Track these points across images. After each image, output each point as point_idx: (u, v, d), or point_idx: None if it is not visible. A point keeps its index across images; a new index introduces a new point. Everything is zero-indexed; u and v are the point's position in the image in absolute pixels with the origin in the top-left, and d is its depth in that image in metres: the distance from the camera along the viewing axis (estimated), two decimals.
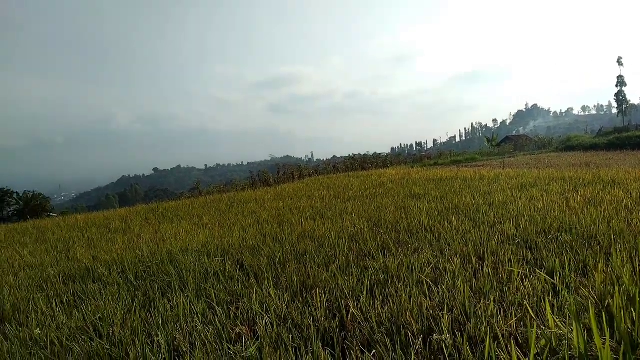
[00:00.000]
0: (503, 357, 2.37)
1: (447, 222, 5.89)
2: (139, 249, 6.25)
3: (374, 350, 2.73)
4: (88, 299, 4.42)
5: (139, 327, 3.42)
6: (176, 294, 4.14)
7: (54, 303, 4.39)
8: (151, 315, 3.68)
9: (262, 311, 3.44)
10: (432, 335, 2.82)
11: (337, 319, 3.22)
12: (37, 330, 3.72)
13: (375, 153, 33.10)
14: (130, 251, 6.23)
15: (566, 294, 3.14)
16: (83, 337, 3.38)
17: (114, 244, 7.10)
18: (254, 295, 3.74)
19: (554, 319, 2.57)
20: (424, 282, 3.67)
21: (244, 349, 2.90)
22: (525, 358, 2.35)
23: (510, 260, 4.07)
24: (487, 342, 2.41)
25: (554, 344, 2.40)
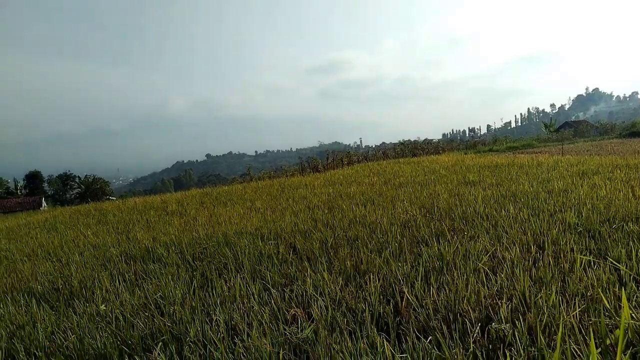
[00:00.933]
0: (573, 349, 2.29)
1: (504, 210, 5.72)
2: (195, 231, 6.45)
3: (430, 337, 2.71)
4: (149, 277, 4.62)
5: (198, 305, 3.55)
6: (232, 275, 4.25)
7: (117, 281, 4.62)
8: (209, 295, 3.80)
9: (317, 294, 3.47)
10: (491, 324, 2.76)
11: (391, 305, 3.21)
12: (103, 306, 3.92)
13: (426, 139, 32.45)
14: (187, 233, 6.44)
15: (634, 285, 2.99)
16: (146, 313, 3.54)
17: (171, 226, 7.37)
18: (308, 278, 3.78)
19: (629, 309, 2.44)
20: (481, 270, 3.59)
21: (299, 331, 2.95)
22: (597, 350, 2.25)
23: (572, 249, 3.91)
24: (560, 333, 2.33)
25: (630, 336, 2.29)
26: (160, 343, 2.99)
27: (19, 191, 67.25)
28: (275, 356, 2.66)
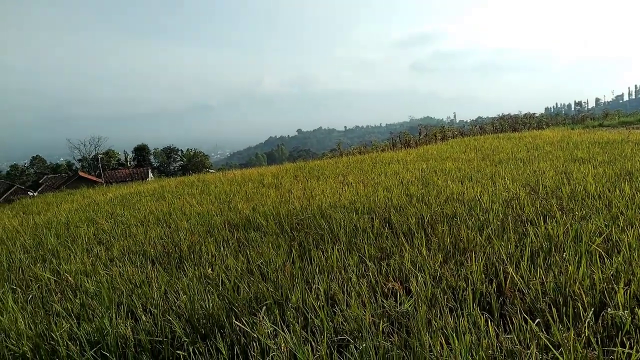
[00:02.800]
0: None
1: (618, 190, 5.24)
2: (291, 203, 6.64)
3: (538, 319, 2.58)
4: (250, 245, 4.84)
5: (298, 273, 3.66)
6: (328, 247, 4.33)
7: (221, 247, 4.89)
8: (308, 264, 3.91)
9: (415, 270, 3.44)
10: (606, 310, 2.57)
11: (494, 284, 3.10)
12: (209, 270, 4.19)
13: (528, 113, 30.39)
14: (284, 205, 6.64)
15: None
16: (252, 278, 3.73)
17: (268, 198, 7.64)
18: (406, 253, 3.75)
19: None
20: (594, 253, 3.33)
21: (397, 305, 2.94)
22: None
23: None
24: None
25: None
26: (264, 307, 3.13)
27: (128, 163, 73.42)
28: (375, 327, 2.68)
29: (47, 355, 3.01)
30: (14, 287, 4.53)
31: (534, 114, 31.40)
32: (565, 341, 2.30)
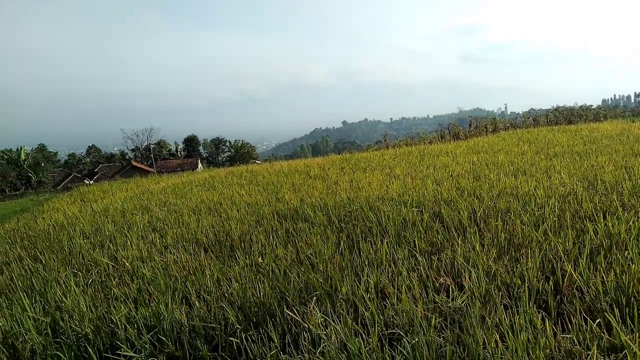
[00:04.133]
0: None
1: None
2: (338, 195, 6.64)
3: (598, 320, 2.48)
4: (298, 235, 4.89)
5: (348, 265, 3.68)
6: (377, 239, 4.32)
7: (271, 237, 4.97)
8: (357, 256, 3.92)
9: (467, 265, 3.37)
10: None
11: (550, 282, 3.00)
12: (260, 259, 4.27)
13: (584, 105, 29.05)
14: (331, 196, 6.66)
15: None
16: (302, 268, 3.77)
17: (315, 189, 7.68)
18: (458, 248, 3.68)
19: None
20: None
21: (450, 300, 2.90)
22: None
23: None
24: None
25: None
26: (315, 297, 3.17)
27: (179, 153, 75.58)
28: (427, 322, 2.66)
29: (107, 337, 3.17)
30: (75, 271, 4.77)
31: (591, 105, 29.97)
32: (630, 343, 2.20)
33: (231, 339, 2.88)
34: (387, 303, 2.99)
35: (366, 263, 3.73)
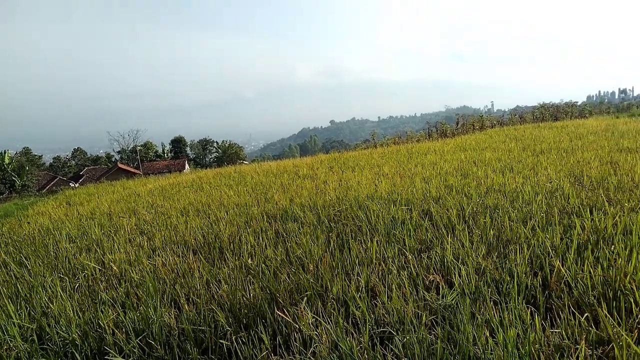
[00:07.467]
0: None
1: None
2: (328, 195, 6.64)
3: (586, 314, 2.50)
4: (288, 236, 4.87)
5: (338, 265, 3.67)
6: (367, 238, 4.31)
7: (260, 238, 4.94)
8: (347, 256, 3.91)
9: (457, 262, 3.38)
10: None
11: (539, 277, 3.02)
12: (249, 260, 4.24)
13: (569, 101, 29.39)
14: (320, 196, 6.65)
15: None
16: (292, 269, 3.76)
17: (304, 189, 7.66)
18: (447, 245, 3.70)
19: None
20: None
21: (440, 297, 2.91)
22: None
23: None
24: None
25: None
26: (305, 298, 3.15)
27: (165, 154, 75.01)
28: (417, 319, 2.66)
29: (95, 342, 3.12)
30: (62, 276, 4.70)
31: (576, 102, 30.34)
32: (617, 337, 2.22)
33: (221, 341, 2.86)
34: (377, 302, 2.99)
35: (356, 262, 3.73)
